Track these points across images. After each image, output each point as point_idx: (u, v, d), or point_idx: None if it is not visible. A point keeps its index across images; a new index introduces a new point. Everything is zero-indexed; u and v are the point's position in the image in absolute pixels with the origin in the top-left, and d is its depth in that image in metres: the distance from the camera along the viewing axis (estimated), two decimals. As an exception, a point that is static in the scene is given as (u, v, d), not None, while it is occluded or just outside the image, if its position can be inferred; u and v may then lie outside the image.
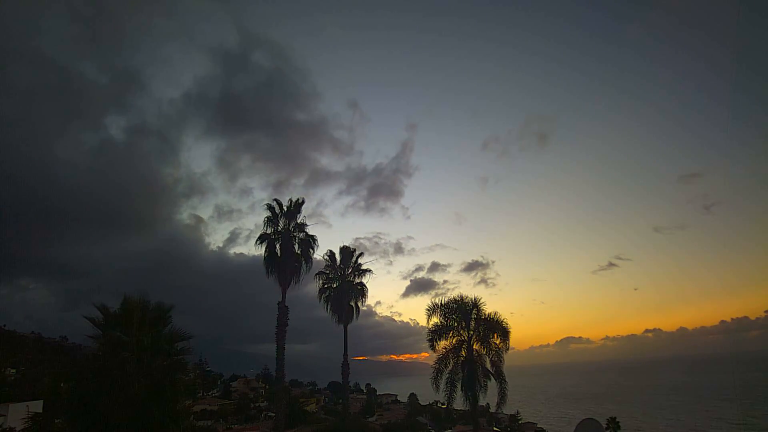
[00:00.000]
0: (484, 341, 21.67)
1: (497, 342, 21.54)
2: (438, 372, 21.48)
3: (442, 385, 21.31)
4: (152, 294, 13.42)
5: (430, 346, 22.09)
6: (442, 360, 21.69)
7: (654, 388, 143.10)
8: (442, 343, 22.06)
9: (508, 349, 21.62)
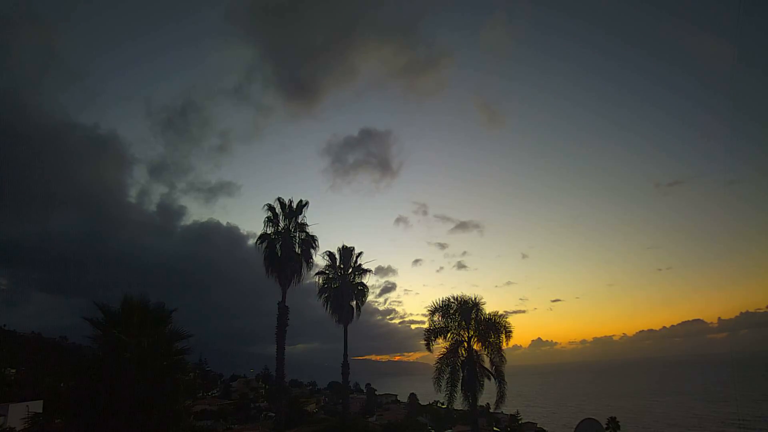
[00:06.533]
0: (484, 341, 21.70)
1: (497, 342, 21.59)
2: (440, 371, 21.52)
3: (443, 385, 21.34)
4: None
5: (426, 346, 22.16)
6: (444, 359, 21.72)
7: (635, 390, 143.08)
8: (443, 343, 22.14)
9: (508, 341, 21.63)
